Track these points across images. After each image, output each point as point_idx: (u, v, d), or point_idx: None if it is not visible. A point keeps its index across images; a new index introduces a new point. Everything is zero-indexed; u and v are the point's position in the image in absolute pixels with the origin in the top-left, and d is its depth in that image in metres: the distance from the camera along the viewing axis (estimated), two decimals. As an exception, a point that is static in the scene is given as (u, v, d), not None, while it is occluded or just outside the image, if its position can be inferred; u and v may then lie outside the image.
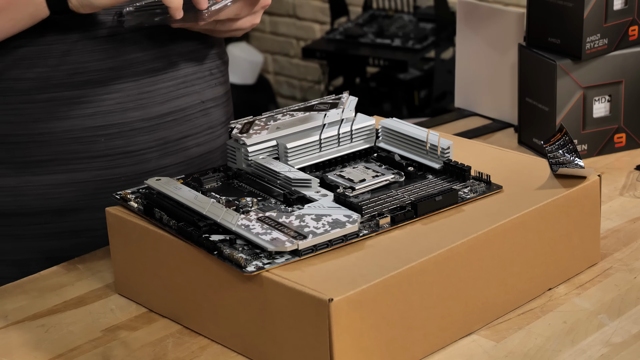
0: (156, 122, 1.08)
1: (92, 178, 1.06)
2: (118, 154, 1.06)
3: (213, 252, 0.83)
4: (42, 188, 1.05)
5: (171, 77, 1.08)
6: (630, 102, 1.26)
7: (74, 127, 1.04)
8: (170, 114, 1.09)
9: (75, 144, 1.05)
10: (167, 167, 1.09)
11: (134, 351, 0.87)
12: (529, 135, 1.30)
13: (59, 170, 1.05)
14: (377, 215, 0.88)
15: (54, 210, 1.06)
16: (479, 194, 0.93)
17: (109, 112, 1.05)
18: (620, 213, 1.09)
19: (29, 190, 1.05)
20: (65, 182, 1.05)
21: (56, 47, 1.01)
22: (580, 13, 1.20)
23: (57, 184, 1.05)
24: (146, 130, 1.07)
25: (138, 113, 1.06)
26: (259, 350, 0.84)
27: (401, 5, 3.15)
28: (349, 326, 0.78)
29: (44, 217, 1.06)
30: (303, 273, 0.80)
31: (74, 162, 1.05)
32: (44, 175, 1.05)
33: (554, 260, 0.94)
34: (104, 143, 1.05)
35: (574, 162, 0.97)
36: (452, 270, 0.84)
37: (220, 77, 1.15)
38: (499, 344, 0.86)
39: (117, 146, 1.06)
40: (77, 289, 0.97)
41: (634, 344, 0.85)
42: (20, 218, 1.06)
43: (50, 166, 1.05)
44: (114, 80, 1.04)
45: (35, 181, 1.05)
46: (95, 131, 1.05)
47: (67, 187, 1.06)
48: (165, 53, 1.07)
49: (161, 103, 1.08)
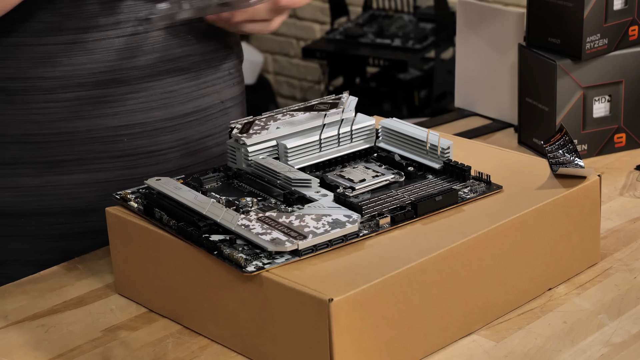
0: (178, 122, 1.08)
1: (114, 178, 1.05)
2: (140, 153, 1.06)
3: (213, 252, 0.83)
4: (64, 188, 1.05)
5: (193, 76, 1.08)
6: (630, 102, 1.26)
7: (97, 126, 1.04)
8: (192, 114, 1.09)
9: (98, 144, 1.04)
10: (188, 167, 1.09)
11: (134, 351, 0.87)
12: (529, 135, 1.30)
13: (81, 170, 1.05)
14: (377, 215, 0.88)
15: (76, 210, 1.06)
16: (479, 194, 0.92)
17: (132, 112, 1.05)
18: (620, 213, 1.09)
19: (51, 190, 1.05)
20: (87, 182, 1.05)
21: (80, 46, 1.01)
22: (580, 13, 1.20)
23: (79, 183, 1.05)
24: (168, 130, 1.07)
25: (161, 113, 1.06)
26: (259, 350, 0.84)
27: (401, 5, 3.15)
28: (349, 326, 0.78)
29: (65, 217, 1.06)
30: (303, 273, 0.80)
31: (97, 161, 1.05)
32: (65, 175, 1.05)
33: (554, 260, 0.94)
34: (127, 143, 1.05)
35: (574, 162, 0.97)
36: (452, 270, 0.84)
37: (238, 76, 1.16)
38: (499, 344, 0.86)
39: (139, 146, 1.06)
40: (77, 289, 0.97)
41: (634, 344, 0.85)
42: (41, 218, 1.06)
43: (73, 166, 1.04)
44: (137, 79, 1.04)
45: (56, 181, 1.05)
46: (118, 130, 1.05)
47: (89, 187, 1.05)
48: (188, 53, 1.07)
49: (183, 103, 1.08)
